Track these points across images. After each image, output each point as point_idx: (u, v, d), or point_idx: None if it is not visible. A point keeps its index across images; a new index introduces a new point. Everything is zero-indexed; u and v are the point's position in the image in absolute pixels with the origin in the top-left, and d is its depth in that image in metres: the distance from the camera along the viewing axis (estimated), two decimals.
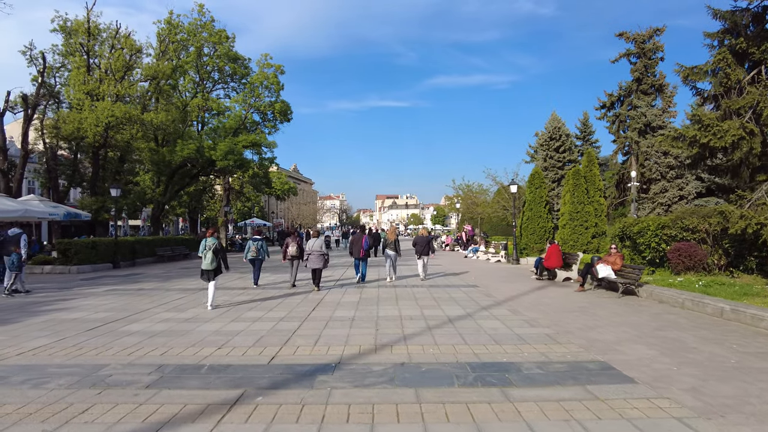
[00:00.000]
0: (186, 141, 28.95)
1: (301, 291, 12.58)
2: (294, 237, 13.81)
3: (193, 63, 36.13)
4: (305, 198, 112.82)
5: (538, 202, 21.59)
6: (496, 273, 17.57)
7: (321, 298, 11.33)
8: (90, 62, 25.64)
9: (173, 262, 25.04)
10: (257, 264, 13.69)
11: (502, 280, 15.37)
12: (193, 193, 40.59)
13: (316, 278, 12.77)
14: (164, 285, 14.29)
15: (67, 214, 22.17)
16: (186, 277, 16.50)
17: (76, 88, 25.35)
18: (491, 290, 12.65)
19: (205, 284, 10.22)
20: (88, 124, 22.25)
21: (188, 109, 34.90)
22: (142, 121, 23.32)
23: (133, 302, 10.94)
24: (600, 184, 17.83)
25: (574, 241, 17.29)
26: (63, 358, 6.23)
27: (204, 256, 9.84)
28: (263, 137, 34.21)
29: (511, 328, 7.92)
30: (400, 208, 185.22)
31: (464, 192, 40.62)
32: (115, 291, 13.02)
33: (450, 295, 11.72)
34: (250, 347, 6.73)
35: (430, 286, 13.46)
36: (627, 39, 39.63)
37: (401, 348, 6.63)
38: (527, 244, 21.71)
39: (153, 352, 6.52)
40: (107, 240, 21.14)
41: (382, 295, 11.74)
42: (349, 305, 10.23)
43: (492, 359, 6.08)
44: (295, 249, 13.19)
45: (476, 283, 14.11)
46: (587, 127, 43.79)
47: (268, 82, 38.99)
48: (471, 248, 26.66)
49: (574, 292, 12.41)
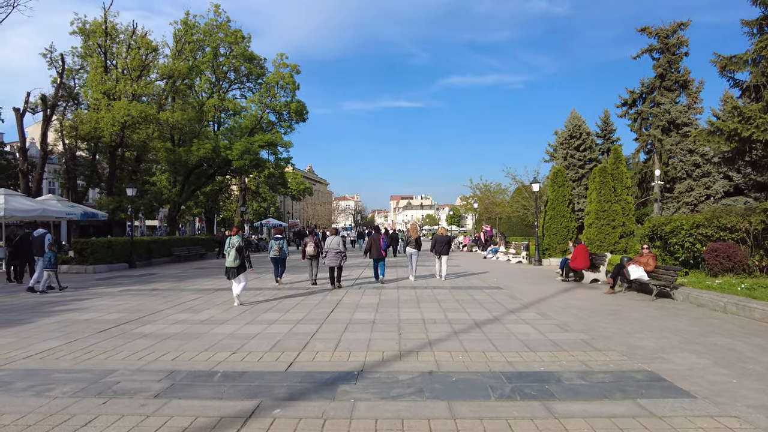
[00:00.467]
0: (202, 141, 28.88)
1: (319, 291, 12.20)
2: (312, 236, 13.99)
3: (209, 63, 36.13)
4: (320, 199, 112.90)
5: (561, 201, 20.91)
6: (518, 274, 16.99)
7: (339, 299, 10.92)
8: (107, 63, 25.72)
9: (189, 262, 24.91)
10: (280, 262, 13.91)
11: (526, 281, 14.79)
12: (209, 194, 40.63)
13: (335, 276, 12.92)
14: (179, 285, 14.03)
15: (84, 213, 22.16)
16: (201, 278, 16.25)
17: (94, 88, 25.44)
18: (516, 292, 12.11)
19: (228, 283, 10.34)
20: (104, 123, 22.24)
21: (204, 109, 34.89)
22: (158, 121, 23.25)
23: (147, 303, 10.66)
24: (627, 181, 17.12)
25: (600, 241, 16.62)
26: (71, 362, 5.91)
27: (227, 254, 10.13)
28: (279, 137, 34.02)
29: (543, 333, 7.41)
30: (414, 209, 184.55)
31: (482, 191, 39.93)
32: (130, 291, 12.79)
33: (473, 297, 11.21)
34: (267, 352, 6.34)
35: (451, 287, 12.96)
36: (650, 34, 38.56)
37: (428, 354, 6.16)
38: (550, 245, 21.05)
39: (164, 356, 6.16)
40: (123, 240, 21.06)
41: (403, 297, 11.29)
42: (369, 307, 9.79)
43: (528, 368, 5.59)
44: (314, 248, 13.42)
45: (499, 285, 13.57)
46: (608, 125, 42.74)
47: (284, 81, 38.85)
48: (490, 249, 26.04)
49: (604, 295, 11.80)
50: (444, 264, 15.05)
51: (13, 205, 17.92)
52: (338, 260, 12.77)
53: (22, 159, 27.02)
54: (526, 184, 28.70)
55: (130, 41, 25.32)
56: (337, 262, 12.77)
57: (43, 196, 23.05)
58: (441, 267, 15.04)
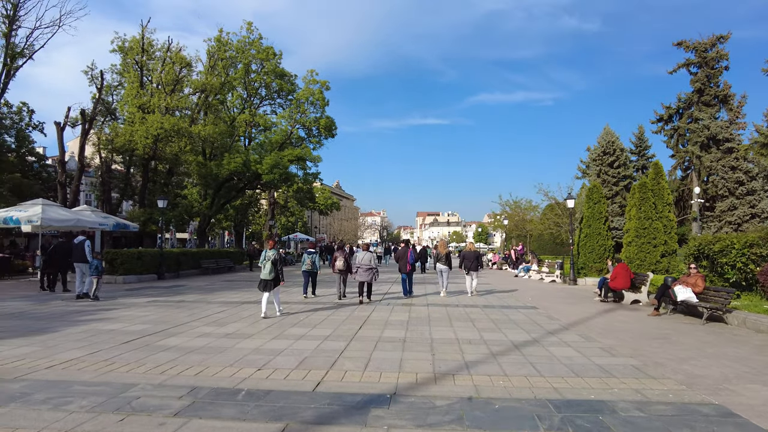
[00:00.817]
0: (233, 155, 29.21)
1: (346, 306, 11.84)
2: (342, 252, 13.98)
3: (241, 79, 36.77)
4: (347, 214, 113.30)
5: (597, 218, 20.12)
6: (553, 294, 16.27)
7: (367, 315, 10.54)
8: (143, 78, 26.40)
9: (217, 274, 24.98)
10: (312, 276, 13.92)
11: (563, 301, 14.10)
12: (238, 207, 41.08)
13: (366, 291, 12.89)
14: (206, 297, 13.91)
15: (116, 224, 22.52)
16: (229, 290, 16.13)
17: (130, 102, 26.12)
18: (553, 312, 11.48)
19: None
20: (138, 136, 22.70)
21: (236, 124, 35.43)
22: (190, 134, 23.60)
23: (173, 315, 10.50)
24: (669, 198, 16.30)
25: (640, 260, 15.79)
26: (92, 374, 5.69)
27: (263, 267, 10.21)
28: (308, 151, 34.22)
29: (588, 357, 6.85)
30: (441, 226, 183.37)
31: (512, 208, 39.11)
32: (157, 302, 12.71)
33: (508, 316, 10.66)
34: (293, 369, 6.00)
35: (484, 306, 12.41)
36: (687, 48, 37.51)
37: (465, 378, 5.71)
38: (585, 263, 20.22)
39: (187, 371, 5.89)
40: (153, 251, 21.25)
41: (434, 314, 10.82)
42: (399, 325, 9.37)
43: (577, 396, 5.07)
44: (343, 263, 13.27)
45: (535, 305, 12.93)
46: (642, 142, 41.51)
47: (314, 98, 39.26)
48: (522, 267, 25.25)
49: (648, 317, 11.06)
50: (474, 280, 15.05)
51: (50, 215, 18.32)
52: (370, 276, 12.68)
53: (60, 171, 27.83)
54: (559, 201, 27.84)
55: (165, 56, 25.96)
56: (368, 278, 12.67)
57: (78, 207, 23.55)
58: (471, 283, 14.98)
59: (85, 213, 21.68)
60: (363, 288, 12.83)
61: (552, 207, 29.44)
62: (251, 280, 20.49)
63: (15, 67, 29.44)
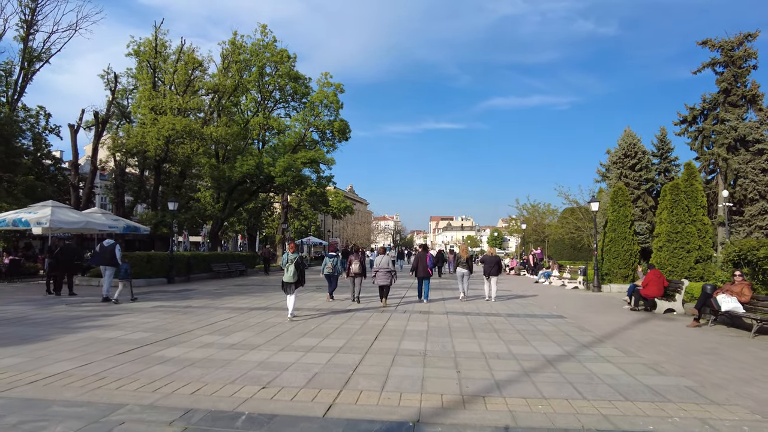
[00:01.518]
0: (245, 157, 28.82)
1: (360, 312, 11.15)
2: (357, 255, 14.00)
3: (255, 82, 36.46)
4: (360, 218, 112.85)
5: (623, 222, 19.17)
6: (578, 301, 15.39)
7: (383, 324, 9.83)
8: (156, 80, 26.16)
9: (229, 278, 24.50)
10: (333, 279, 14.00)
11: (590, 309, 13.23)
12: (252, 210, 40.74)
13: (384, 294, 12.91)
14: (214, 303, 13.33)
15: (126, 227, 22.16)
16: (238, 295, 15.56)
17: (142, 104, 25.89)
18: (583, 322, 10.65)
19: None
20: (150, 138, 22.38)
21: (249, 127, 35.12)
22: (202, 135, 23.24)
23: (178, 321, 9.91)
24: (703, 200, 15.32)
25: (673, 266, 14.83)
26: (76, 392, 5.08)
27: (286, 270, 10.17)
28: (321, 154, 33.71)
29: (633, 376, 6.06)
30: (455, 230, 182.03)
31: (529, 212, 38.12)
32: (163, 308, 12.16)
33: (535, 327, 9.86)
34: (301, 388, 5.32)
35: (508, 315, 11.61)
36: (712, 47, 36.28)
37: (497, 401, 4.97)
38: (610, 269, 19.27)
39: (183, 388, 5.25)
40: (162, 254, 20.83)
41: (454, 324, 10.07)
42: (417, 335, 8.65)
43: (632, 426, 4.32)
44: (358, 266, 13.30)
45: (561, 313, 12.10)
46: (665, 144, 40.18)
47: (328, 100, 38.86)
48: (542, 272, 24.32)
49: (687, 328, 10.19)
50: (493, 285, 14.74)
51: (59, 217, 17.97)
52: (388, 279, 12.75)
53: (73, 173, 27.70)
54: (581, 204, 26.87)
55: (178, 57, 25.67)
56: (387, 281, 12.75)
57: (89, 209, 23.27)
58: (490, 288, 14.72)
59: (96, 215, 21.35)
60: (383, 291, 12.88)
61: (573, 210, 28.44)
62: (262, 285, 19.94)
63: (32, 70, 29.57)
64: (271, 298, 14.49)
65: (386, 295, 12.97)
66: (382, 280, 12.71)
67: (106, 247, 13.71)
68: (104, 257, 13.56)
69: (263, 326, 9.40)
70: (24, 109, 30.08)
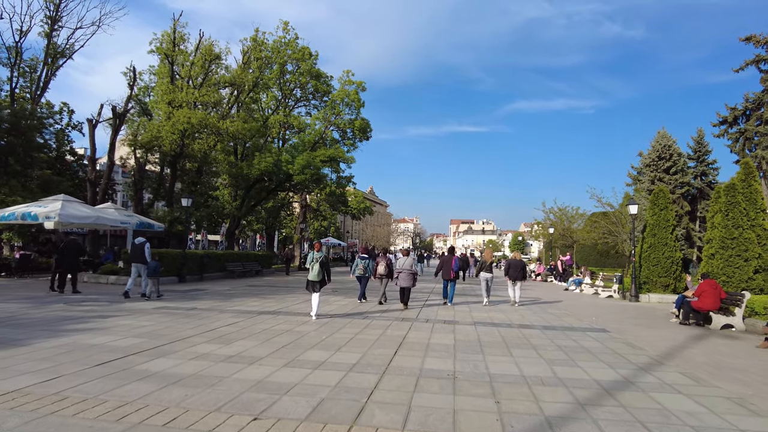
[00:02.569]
0: (264, 154, 28.05)
1: (379, 320, 10.06)
2: (383, 256, 14.12)
3: (276, 80, 35.84)
4: (380, 220, 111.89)
5: (663, 227, 17.66)
6: (617, 312, 13.99)
7: (403, 335, 8.71)
8: (173, 73, 25.57)
9: (243, 278, 23.71)
10: (364, 281, 14.07)
11: (634, 322, 11.85)
12: (270, 210, 40.07)
13: (405, 297, 12.83)
14: (221, 305, 12.40)
15: (140, 223, 21.56)
16: (249, 297, 14.64)
17: (160, 98, 25.32)
18: (630, 338, 9.34)
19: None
20: (165, 132, 21.72)
21: (269, 124, 34.44)
22: (218, 129, 22.46)
23: (176, 326, 8.97)
24: (763, 203, 13.75)
25: (727, 276, 13.31)
26: (23, 418, 4.09)
27: (311, 268, 10.23)
28: (341, 152, 32.76)
29: (721, 416, 4.80)
30: (476, 234, 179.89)
31: (557, 216, 36.48)
32: (165, 309, 11.27)
33: (578, 342, 8.61)
34: (303, 421, 4.24)
35: (544, 327, 10.36)
36: (756, 43, 34.09)
37: None
38: (648, 277, 17.76)
39: (156, 417, 4.22)
40: (174, 252, 20.09)
41: (484, 337, 8.88)
42: (443, 351, 7.50)
43: None
44: (384, 268, 13.39)
45: (603, 326, 10.78)
46: (702, 146, 38.09)
47: (349, 99, 38.09)
48: (573, 279, 22.85)
49: (758, 349, 8.79)
50: (518, 290, 14.75)
51: (69, 212, 17.39)
52: (411, 281, 12.74)
53: (90, 168, 27.29)
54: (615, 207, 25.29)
55: (196, 48, 25.01)
56: (410, 283, 12.73)
57: (102, 204, 22.74)
58: (515, 292, 14.63)
59: (109, 211, 20.79)
60: (404, 293, 12.81)
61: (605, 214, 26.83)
62: (276, 286, 19.03)
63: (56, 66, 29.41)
64: (283, 301, 13.52)
65: (407, 298, 12.86)
66: (405, 282, 12.68)
67: (137, 245, 14.09)
68: (135, 255, 13.95)
69: (269, 334, 8.38)
70: (47, 106, 29.93)
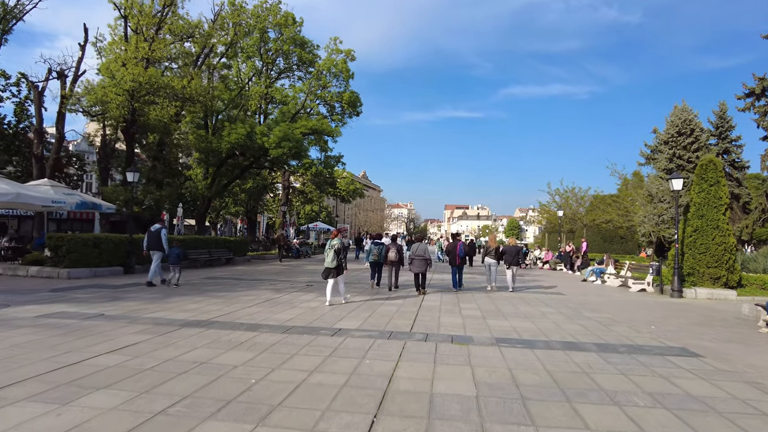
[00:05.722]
0: (235, 125, 24.45)
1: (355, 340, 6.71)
2: (395, 243, 13.83)
3: (257, 47, 32.13)
4: (373, 205, 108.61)
5: (714, 206, 14.43)
6: (672, 316, 10.72)
7: (389, 373, 5.33)
8: (127, 27, 21.81)
9: (209, 268, 20.34)
10: (378, 267, 14.00)
11: (711, 334, 8.51)
12: (251, 191, 36.45)
13: (420, 282, 12.77)
14: (143, 309, 9.02)
15: (82, 203, 17.98)
16: (194, 294, 11.22)
17: (112, 59, 21.59)
18: (741, 367, 6.05)
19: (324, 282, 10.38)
20: (111, 94, 18.07)
21: (246, 94, 30.76)
22: (175, 92, 18.77)
23: (29, 353, 5.59)
24: None
25: None
26: None
27: (326, 255, 10.08)
28: (326, 124, 29.18)
29: None
30: (470, 219, 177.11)
31: (564, 198, 33.24)
32: (59, 316, 7.90)
33: (673, 382, 5.26)
34: None
35: (599, 349, 6.98)
36: None
37: None
38: (694, 268, 14.58)
39: None
40: (118, 237, 16.58)
41: (522, 374, 5.48)
42: (460, 415, 4.17)
43: None
44: (395, 254, 13.13)
45: (680, 343, 7.48)
46: (724, 122, 34.80)
47: (337, 69, 34.49)
48: (593, 269, 19.61)
49: None
50: (514, 274, 14.61)
51: None
52: (424, 267, 12.67)
53: (36, 142, 23.61)
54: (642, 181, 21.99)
55: None
56: (423, 268, 12.66)
57: (37, 180, 19.12)
58: (511, 277, 14.48)
59: (41, 188, 17.16)
60: (419, 279, 12.75)
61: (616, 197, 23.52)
62: (241, 278, 15.66)
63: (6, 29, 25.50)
64: (233, 302, 10.15)
65: (423, 283, 12.78)
66: (418, 267, 12.59)
67: (152, 232, 13.37)
68: (151, 242, 13.25)
69: (165, 372, 5.02)
70: (3, 76, 25.96)
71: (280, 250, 28.00)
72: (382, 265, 13.89)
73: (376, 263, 13.75)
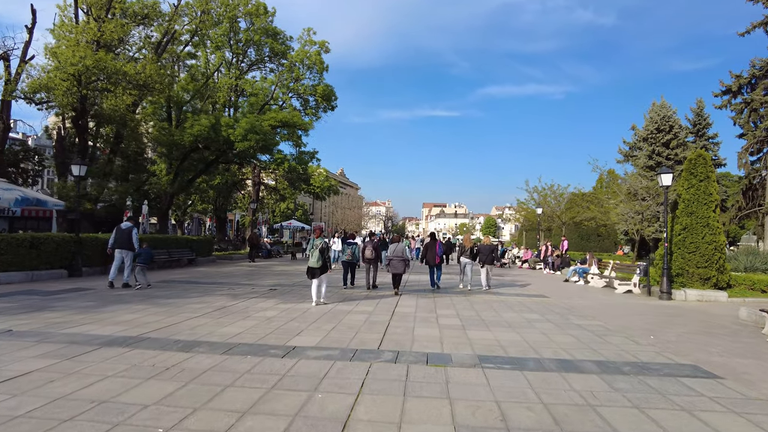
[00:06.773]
0: (198, 117, 22.89)
1: (307, 367, 5.50)
2: (371, 241, 13.83)
3: (226, 37, 30.56)
4: (350, 203, 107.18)
5: (704, 203, 13.70)
6: (667, 322, 9.84)
7: (345, 414, 4.22)
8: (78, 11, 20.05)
9: (168, 269, 18.85)
10: (351, 267, 13.70)
11: (716, 344, 7.59)
12: (219, 187, 34.76)
13: (397, 282, 12.70)
14: (68, 321, 7.62)
15: (23, 200, 16.39)
16: (138, 302, 9.83)
17: (60, 43, 19.81)
18: (759, 385, 5.10)
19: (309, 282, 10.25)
20: (57, 80, 16.39)
21: (213, 86, 29.12)
22: (128, 77, 17.14)
23: None
24: None
25: None
26: None
27: (311, 255, 10.00)
28: (297, 116, 27.80)
29: None
30: (448, 217, 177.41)
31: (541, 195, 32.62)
32: None
33: (699, 418, 4.27)
34: None
35: (600, 369, 5.92)
36: (766, 3, 30.57)
37: None
38: (682, 268, 13.83)
39: None
40: (61, 237, 14.96)
41: (511, 409, 4.39)
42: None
43: None
44: (371, 252, 13.04)
45: (690, 359, 6.51)
46: (702, 119, 34.68)
47: (310, 61, 33.22)
48: (575, 269, 18.80)
49: None
50: (487, 273, 14.66)
51: None
52: (403, 267, 12.56)
53: None
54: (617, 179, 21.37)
55: None
56: (402, 269, 12.57)
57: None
58: (485, 276, 14.57)
59: None
60: (397, 279, 12.67)
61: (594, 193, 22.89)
62: (199, 282, 14.26)
63: None
64: (178, 312, 8.81)
65: (399, 282, 12.74)
66: (396, 268, 12.49)
67: (123, 229, 12.67)
68: (121, 241, 12.54)
69: (47, 419, 3.74)
70: None
71: (252, 250, 26.60)
72: (355, 265, 13.85)
73: (349, 263, 13.52)
